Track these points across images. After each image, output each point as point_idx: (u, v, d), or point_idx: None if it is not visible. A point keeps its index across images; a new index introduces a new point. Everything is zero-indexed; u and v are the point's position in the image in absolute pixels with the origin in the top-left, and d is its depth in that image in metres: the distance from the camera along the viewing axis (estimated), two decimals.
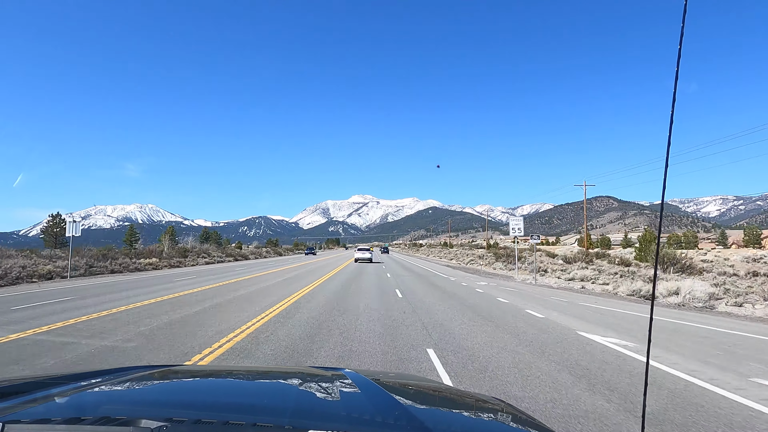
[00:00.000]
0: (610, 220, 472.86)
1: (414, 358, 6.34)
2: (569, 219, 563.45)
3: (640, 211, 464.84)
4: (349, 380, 1.72)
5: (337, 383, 1.71)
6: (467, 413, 1.58)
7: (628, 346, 7.40)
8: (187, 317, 9.53)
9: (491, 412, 1.61)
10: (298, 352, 6.57)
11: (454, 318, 10.13)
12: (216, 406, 1.43)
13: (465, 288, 18.33)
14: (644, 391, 1.48)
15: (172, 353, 6.41)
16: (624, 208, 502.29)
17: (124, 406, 1.41)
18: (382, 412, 1.35)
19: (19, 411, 1.21)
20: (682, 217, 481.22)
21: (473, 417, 1.53)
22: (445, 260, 55.24)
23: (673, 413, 4.35)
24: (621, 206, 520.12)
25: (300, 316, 10.00)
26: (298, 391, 1.65)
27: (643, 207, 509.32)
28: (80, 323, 8.71)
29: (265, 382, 1.94)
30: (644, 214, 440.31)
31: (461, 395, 1.98)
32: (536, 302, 13.83)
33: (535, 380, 5.35)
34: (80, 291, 15.39)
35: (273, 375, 2.18)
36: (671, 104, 1.38)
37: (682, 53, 1.32)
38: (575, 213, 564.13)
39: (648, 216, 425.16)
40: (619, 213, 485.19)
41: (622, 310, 12.72)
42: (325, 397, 1.56)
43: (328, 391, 1.61)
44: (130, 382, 1.69)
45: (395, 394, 1.55)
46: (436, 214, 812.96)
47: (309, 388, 1.65)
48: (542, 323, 9.72)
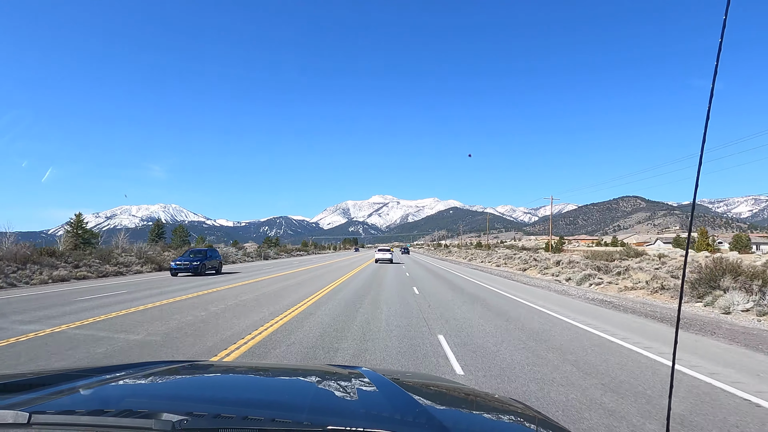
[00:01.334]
0: (638, 220, 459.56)
1: None
2: (595, 219, 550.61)
3: (670, 212, 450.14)
4: (367, 379, 1.72)
5: (355, 381, 1.70)
6: (485, 414, 1.59)
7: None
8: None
9: (509, 413, 1.60)
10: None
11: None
12: (235, 402, 1.47)
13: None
14: (669, 394, 1.47)
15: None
16: (652, 209, 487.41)
17: (146, 400, 1.45)
18: (400, 410, 1.35)
19: (45, 402, 1.26)
20: (715, 217, 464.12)
21: (492, 418, 1.53)
22: (488, 265, 43.18)
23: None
24: (649, 206, 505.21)
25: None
26: (316, 388, 1.69)
27: (672, 207, 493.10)
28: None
29: (284, 379, 1.96)
30: (674, 215, 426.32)
31: (479, 396, 1.95)
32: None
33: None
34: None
35: (291, 372, 2.18)
36: (708, 102, 1.37)
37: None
38: (601, 213, 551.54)
39: (678, 216, 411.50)
40: (648, 213, 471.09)
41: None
42: (343, 394, 1.56)
43: (346, 389, 1.62)
44: (152, 377, 1.73)
45: (413, 393, 1.55)
46: (457, 215, 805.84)
47: (327, 385, 1.69)
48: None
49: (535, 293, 17.17)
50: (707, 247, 67.51)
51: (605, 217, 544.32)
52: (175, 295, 14.53)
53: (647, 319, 11.10)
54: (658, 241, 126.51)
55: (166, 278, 22.78)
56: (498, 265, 41.48)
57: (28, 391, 1.38)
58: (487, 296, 15.68)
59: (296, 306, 12.13)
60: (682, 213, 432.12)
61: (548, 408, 4.57)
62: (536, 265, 32.19)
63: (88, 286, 18.57)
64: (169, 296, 14.30)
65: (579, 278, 21.36)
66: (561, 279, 23.39)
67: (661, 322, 10.51)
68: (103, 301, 13.01)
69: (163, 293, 15.23)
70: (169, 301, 12.97)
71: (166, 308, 11.54)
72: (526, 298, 15.18)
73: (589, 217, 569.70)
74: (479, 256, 59.52)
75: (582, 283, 20.79)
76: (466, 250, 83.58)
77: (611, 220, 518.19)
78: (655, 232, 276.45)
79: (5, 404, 1.19)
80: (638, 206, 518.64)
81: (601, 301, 14.98)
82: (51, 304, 12.37)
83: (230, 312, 10.98)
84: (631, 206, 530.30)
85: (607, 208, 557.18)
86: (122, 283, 19.45)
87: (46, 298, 13.95)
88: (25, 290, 16.96)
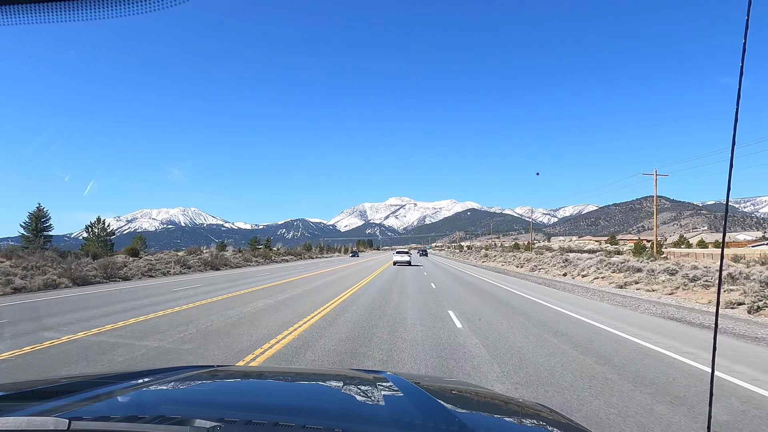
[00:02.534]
0: (663, 221, 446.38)
1: None
2: (617, 220, 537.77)
3: (696, 212, 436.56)
4: (392, 383, 1.73)
5: (380, 386, 1.70)
6: (513, 419, 1.59)
7: None
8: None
9: (537, 418, 1.60)
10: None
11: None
12: (265, 407, 1.49)
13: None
14: (710, 402, 1.47)
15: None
16: (678, 209, 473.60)
17: (178, 406, 1.47)
18: (428, 416, 1.35)
19: (81, 408, 1.29)
20: (744, 217, 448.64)
21: (519, 424, 1.54)
22: (539, 274, 32.32)
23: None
24: (674, 206, 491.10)
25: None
26: (342, 393, 1.70)
27: (698, 207, 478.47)
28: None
29: (310, 384, 1.96)
30: (701, 215, 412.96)
31: (504, 400, 1.97)
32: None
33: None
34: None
35: (316, 377, 2.18)
36: (736, 101, 1.36)
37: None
38: (624, 214, 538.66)
39: (706, 217, 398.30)
40: (673, 213, 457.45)
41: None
42: (370, 400, 1.57)
43: (372, 394, 1.62)
44: (181, 382, 1.75)
45: (439, 399, 1.54)
46: (475, 216, 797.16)
47: (353, 391, 1.69)
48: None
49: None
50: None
51: (628, 217, 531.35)
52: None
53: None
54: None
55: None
56: (581, 275, 27.59)
57: (61, 397, 1.39)
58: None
59: None
60: (709, 213, 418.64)
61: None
62: (679, 284, 18.55)
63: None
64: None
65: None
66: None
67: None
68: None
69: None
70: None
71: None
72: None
73: (611, 217, 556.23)
74: (531, 260, 42.08)
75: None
76: (502, 253, 67.67)
77: (634, 221, 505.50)
78: (682, 233, 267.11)
79: (42, 410, 1.21)
80: (662, 206, 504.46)
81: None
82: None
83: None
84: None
85: (630, 209, 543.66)
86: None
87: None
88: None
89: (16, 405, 1.33)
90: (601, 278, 25.27)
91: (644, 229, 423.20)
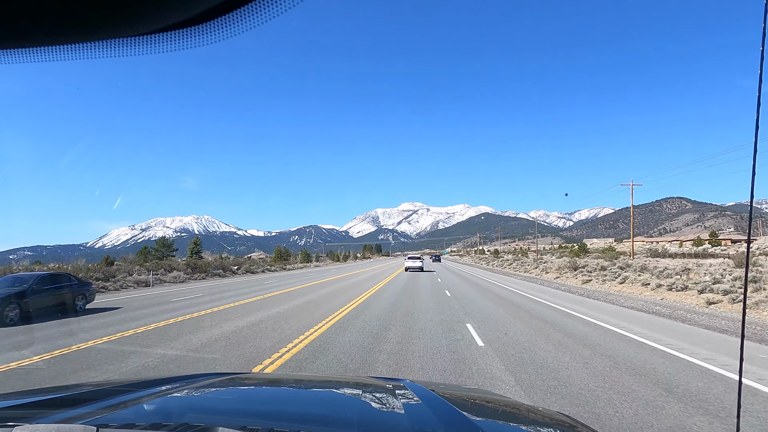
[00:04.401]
0: (685, 222, 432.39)
1: None
2: (637, 222, 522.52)
3: (721, 213, 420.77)
4: (410, 391, 1.71)
5: (399, 394, 1.69)
6: (534, 428, 1.56)
7: None
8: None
9: (560, 428, 1.58)
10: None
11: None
12: (286, 416, 1.48)
13: None
14: (737, 413, 1.45)
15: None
16: (700, 210, 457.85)
17: (202, 414, 1.48)
18: (449, 424, 1.33)
19: (108, 415, 1.30)
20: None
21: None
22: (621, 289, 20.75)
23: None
24: (696, 207, 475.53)
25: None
26: (361, 402, 1.69)
27: (723, 208, 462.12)
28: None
29: (328, 392, 1.96)
30: (726, 216, 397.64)
31: (525, 409, 1.92)
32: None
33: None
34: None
35: (334, 385, 2.17)
36: (757, 103, 1.36)
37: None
38: (643, 215, 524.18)
39: (731, 218, 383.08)
40: (696, 215, 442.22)
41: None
42: (390, 408, 1.56)
43: (392, 402, 1.61)
44: (202, 389, 1.78)
45: (458, 407, 1.52)
46: (489, 221, 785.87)
47: (372, 399, 1.68)
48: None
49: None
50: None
51: (648, 219, 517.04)
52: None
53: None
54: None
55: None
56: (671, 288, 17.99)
57: (88, 404, 1.42)
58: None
59: None
60: (735, 214, 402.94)
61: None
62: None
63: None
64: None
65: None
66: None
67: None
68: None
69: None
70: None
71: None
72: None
73: (630, 220, 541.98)
74: (597, 270, 28.53)
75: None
76: (538, 258, 55.95)
77: (655, 223, 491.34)
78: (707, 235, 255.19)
79: (71, 416, 1.24)
80: (684, 208, 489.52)
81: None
82: None
83: None
84: (676, 208, 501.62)
85: (650, 211, 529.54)
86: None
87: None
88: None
89: (45, 412, 1.34)
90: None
91: (665, 232, 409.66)
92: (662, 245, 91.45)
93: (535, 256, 64.80)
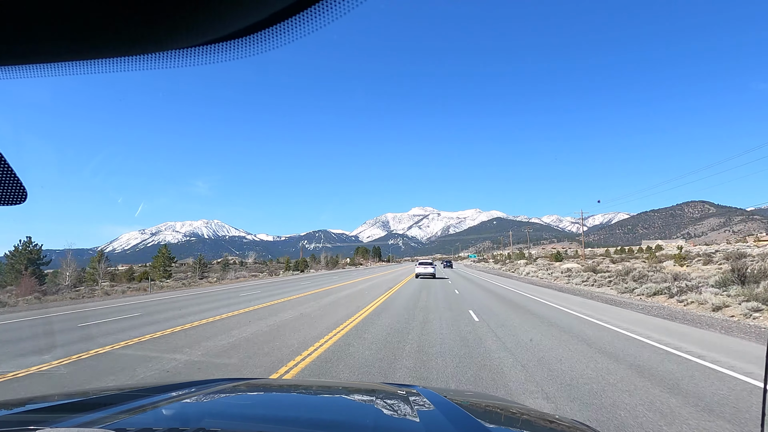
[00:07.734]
0: (710, 227, 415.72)
1: None
2: (657, 227, 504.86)
3: (749, 216, 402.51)
4: (424, 397, 1.71)
5: (413, 400, 1.67)
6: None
7: None
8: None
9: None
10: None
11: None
12: (301, 421, 1.49)
13: None
14: (762, 423, 1.41)
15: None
16: (726, 214, 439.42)
17: (218, 419, 1.48)
18: (464, 431, 1.34)
19: (126, 419, 1.32)
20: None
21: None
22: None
23: None
24: (720, 211, 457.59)
25: None
26: (375, 408, 1.70)
27: (750, 212, 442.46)
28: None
29: (343, 398, 1.98)
30: (755, 220, 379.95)
31: (539, 416, 1.91)
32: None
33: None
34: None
35: (349, 391, 2.19)
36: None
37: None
38: (663, 220, 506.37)
39: (761, 222, 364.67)
40: (722, 219, 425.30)
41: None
42: (404, 414, 1.55)
43: (406, 408, 1.60)
44: (219, 394, 1.79)
45: (472, 414, 1.53)
46: (501, 225, 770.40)
47: (386, 405, 1.69)
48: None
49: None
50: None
51: (669, 224, 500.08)
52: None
53: None
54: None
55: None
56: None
57: (106, 408, 1.42)
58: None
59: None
60: (764, 218, 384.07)
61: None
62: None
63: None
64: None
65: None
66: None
67: None
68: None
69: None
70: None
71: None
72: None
73: (650, 224, 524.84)
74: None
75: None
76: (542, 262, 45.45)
77: (677, 228, 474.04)
78: (735, 240, 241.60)
79: (89, 421, 1.24)
80: (707, 212, 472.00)
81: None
82: None
83: None
84: (699, 212, 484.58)
85: (671, 215, 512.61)
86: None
87: None
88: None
89: (64, 416, 1.35)
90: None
91: (690, 236, 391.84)
92: (701, 250, 75.75)
93: (625, 264, 48.46)
